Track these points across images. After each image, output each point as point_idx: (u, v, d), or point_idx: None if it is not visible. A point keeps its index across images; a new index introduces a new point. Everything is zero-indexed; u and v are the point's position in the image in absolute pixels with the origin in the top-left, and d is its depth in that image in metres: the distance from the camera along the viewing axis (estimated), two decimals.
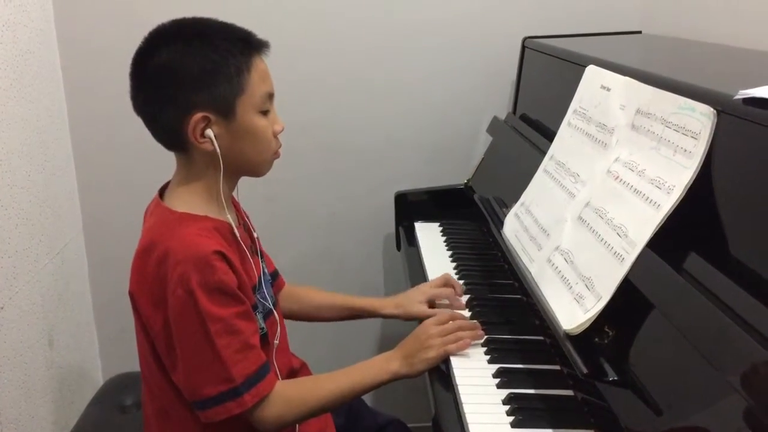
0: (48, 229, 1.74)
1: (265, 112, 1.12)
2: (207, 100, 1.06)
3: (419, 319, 1.41)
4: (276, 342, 1.21)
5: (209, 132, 1.07)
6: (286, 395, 1.13)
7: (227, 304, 1.06)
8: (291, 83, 1.17)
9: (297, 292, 1.45)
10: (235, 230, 1.15)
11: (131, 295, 1.12)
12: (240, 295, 1.08)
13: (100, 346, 2.08)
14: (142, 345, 1.15)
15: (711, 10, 1.66)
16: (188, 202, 1.12)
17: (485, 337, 1.25)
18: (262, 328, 1.16)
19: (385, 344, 2.16)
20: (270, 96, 1.13)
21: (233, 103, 1.08)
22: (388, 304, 1.44)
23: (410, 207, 1.90)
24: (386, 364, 1.19)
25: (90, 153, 1.92)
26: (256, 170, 1.17)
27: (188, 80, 1.06)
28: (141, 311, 1.11)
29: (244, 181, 1.22)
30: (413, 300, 1.42)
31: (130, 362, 1.99)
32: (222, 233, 1.11)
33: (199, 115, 1.06)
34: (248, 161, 1.14)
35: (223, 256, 1.06)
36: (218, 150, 1.08)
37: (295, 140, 1.19)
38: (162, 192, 1.18)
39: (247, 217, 1.30)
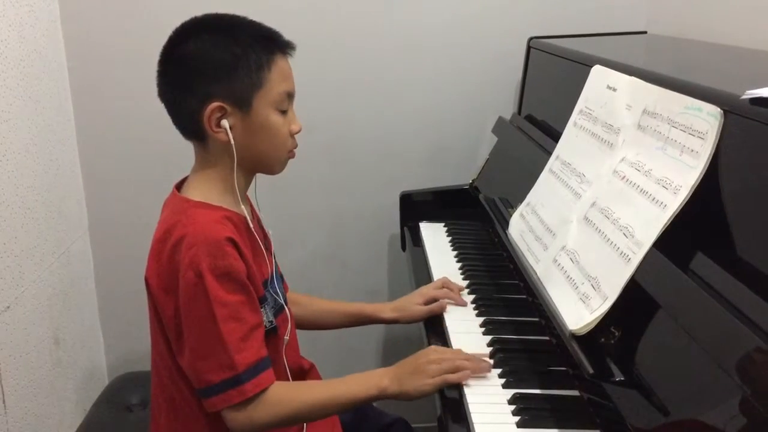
0: (54, 229, 1.75)
1: (283, 111, 1.14)
2: (225, 91, 1.09)
3: (418, 320, 1.42)
4: (286, 338, 1.22)
5: (224, 122, 1.10)
6: (279, 395, 1.11)
7: (235, 291, 1.07)
8: (296, 82, 1.18)
9: (298, 298, 1.45)
10: (250, 223, 1.16)
11: (147, 281, 1.13)
12: (248, 285, 1.09)
13: (106, 345, 2.08)
14: (155, 332, 1.16)
15: (717, 10, 1.66)
16: (204, 192, 1.14)
17: (492, 362, 1.20)
18: (271, 322, 1.17)
19: (389, 347, 2.16)
20: (289, 95, 1.16)
21: (250, 97, 1.10)
22: (387, 309, 1.45)
23: (415, 207, 1.90)
24: (377, 380, 1.15)
25: (96, 152, 1.92)
26: (270, 167, 1.19)
27: (208, 70, 1.09)
28: (155, 297, 1.12)
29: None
30: (412, 302, 1.43)
31: (136, 361, 2.02)
32: (236, 224, 1.13)
33: (215, 105, 1.09)
34: (262, 156, 1.16)
35: (235, 244, 1.08)
36: (232, 140, 1.10)
37: (300, 140, 1.20)
38: (179, 187, 1.20)
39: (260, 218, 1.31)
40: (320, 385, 1.21)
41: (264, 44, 1.11)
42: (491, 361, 1.18)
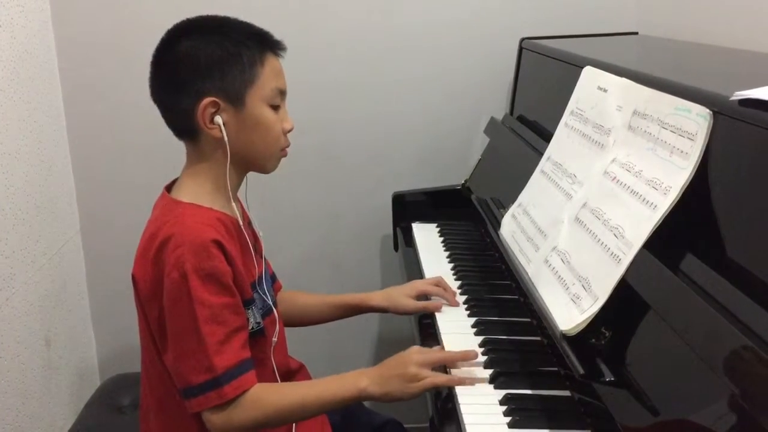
0: (45, 230, 1.74)
1: (275, 107, 1.15)
2: (218, 87, 1.10)
3: (407, 314, 1.42)
4: (275, 339, 1.21)
5: (218, 118, 1.10)
6: (258, 397, 1.10)
7: (218, 293, 1.07)
8: (289, 83, 1.18)
9: (285, 296, 1.45)
10: (240, 223, 1.16)
11: (133, 278, 1.13)
12: (232, 288, 1.09)
13: (98, 346, 2.07)
14: (143, 332, 1.16)
15: (707, 12, 1.66)
16: (195, 192, 1.14)
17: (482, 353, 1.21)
18: (258, 323, 1.17)
19: (382, 346, 2.16)
20: (281, 93, 1.17)
21: (243, 93, 1.11)
22: (377, 297, 1.44)
23: (408, 208, 1.90)
24: (356, 380, 1.12)
25: (87, 153, 1.92)
26: (263, 164, 1.19)
27: (202, 67, 1.10)
28: (141, 296, 1.12)
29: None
30: (403, 294, 1.42)
31: (128, 363, 2.01)
32: (225, 225, 1.13)
33: (208, 100, 1.09)
34: (255, 153, 1.16)
35: (221, 247, 1.08)
36: (225, 137, 1.10)
37: (293, 141, 1.20)
38: (170, 188, 1.20)
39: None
40: (300, 386, 1.21)
41: (256, 41, 1.13)
42: (481, 366, 1.17)
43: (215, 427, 1.09)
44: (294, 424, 1.23)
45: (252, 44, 1.12)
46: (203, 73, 1.10)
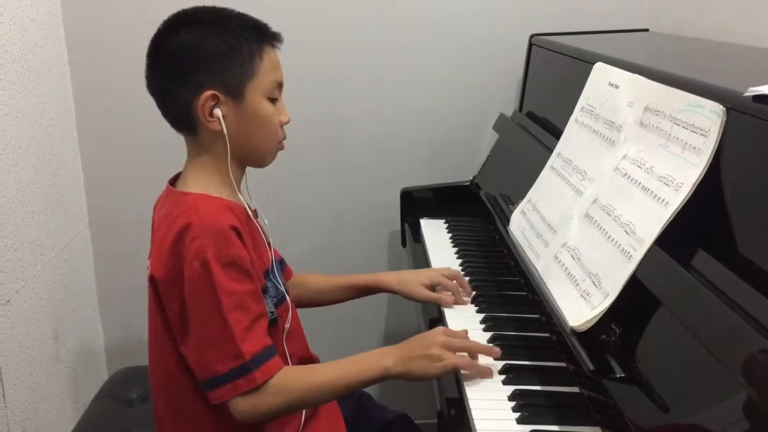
0: (54, 223, 1.75)
1: (273, 100, 1.15)
2: (218, 80, 1.10)
3: (417, 301, 1.42)
4: (287, 326, 1.22)
5: (217, 111, 1.10)
6: (286, 381, 1.10)
7: (240, 280, 1.07)
8: (295, 80, 1.18)
9: (296, 279, 1.45)
10: (249, 212, 1.17)
11: (151, 278, 1.12)
12: (253, 274, 1.09)
13: (106, 340, 2.08)
14: (155, 330, 1.15)
15: (718, 8, 1.65)
16: (201, 184, 1.14)
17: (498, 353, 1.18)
18: (272, 313, 1.17)
19: (389, 341, 2.15)
20: (279, 85, 1.17)
21: (243, 86, 1.11)
22: (389, 278, 1.44)
23: (416, 204, 1.90)
24: (380, 359, 1.13)
25: (96, 147, 1.92)
26: (261, 157, 1.19)
27: (201, 60, 1.09)
28: (161, 292, 1.10)
29: (249, 178, 1.23)
30: (416, 280, 1.41)
31: (135, 356, 2.01)
32: (236, 213, 1.13)
33: (208, 93, 1.09)
34: (254, 146, 1.16)
35: (238, 233, 1.08)
36: (225, 130, 1.10)
37: (300, 137, 1.20)
38: (173, 183, 1.20)
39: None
40: (324, 368, 1.18)
41: (255, 34, 1.13)
42: (494, 361, 1.16)
43: (245, 414, 1.08)
44: (303, 418, 1.23)
45: (251, 37, 1.12)
46: (203, 66, 1.09)
